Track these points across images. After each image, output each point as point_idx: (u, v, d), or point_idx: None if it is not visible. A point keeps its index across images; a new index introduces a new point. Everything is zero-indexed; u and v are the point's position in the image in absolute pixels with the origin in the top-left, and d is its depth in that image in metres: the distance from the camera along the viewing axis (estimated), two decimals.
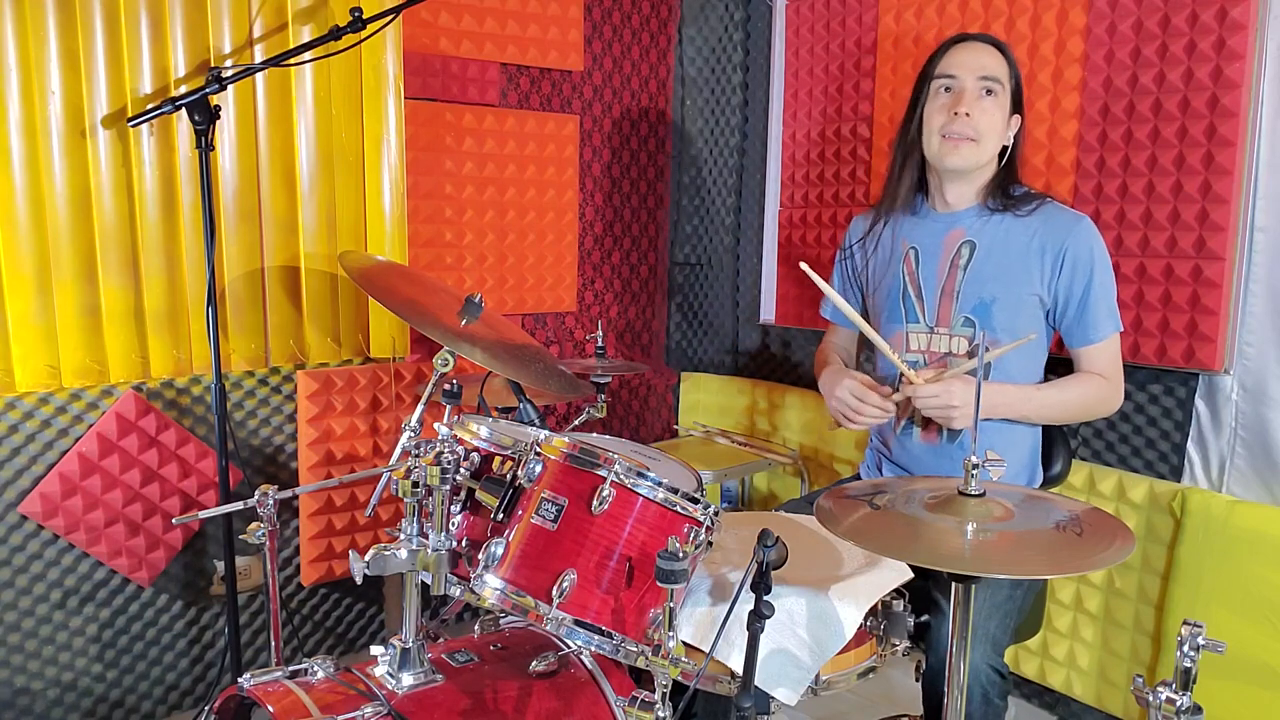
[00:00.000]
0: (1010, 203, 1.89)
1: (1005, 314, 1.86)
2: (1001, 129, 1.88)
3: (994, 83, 1.85)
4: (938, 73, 1.89)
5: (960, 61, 1.87)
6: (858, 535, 1.27)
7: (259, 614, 2.60)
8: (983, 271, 1.88)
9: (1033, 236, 1.86)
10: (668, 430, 3.46)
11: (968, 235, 1.91)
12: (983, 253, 1.89)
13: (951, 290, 1.91)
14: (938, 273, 1.93)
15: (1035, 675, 2.46)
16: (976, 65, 1.86)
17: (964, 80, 1.86)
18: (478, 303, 1.70)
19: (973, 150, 1.86)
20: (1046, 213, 1.88)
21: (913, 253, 1.97)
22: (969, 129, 1.84)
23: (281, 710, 1.34)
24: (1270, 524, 2.00)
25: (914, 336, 1.96)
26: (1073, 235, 1.84)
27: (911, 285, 1.97)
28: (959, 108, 1.84)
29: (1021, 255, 1.86)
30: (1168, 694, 1.17)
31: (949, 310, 1.91)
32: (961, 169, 1.89)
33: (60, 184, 2.10)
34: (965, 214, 1.93)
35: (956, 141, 1.85)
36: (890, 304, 1.99)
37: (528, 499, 1.35)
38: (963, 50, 1.88)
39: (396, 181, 2.51)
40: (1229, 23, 2.02)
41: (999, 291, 1.87)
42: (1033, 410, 1.88)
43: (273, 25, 2.32)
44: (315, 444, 2.54)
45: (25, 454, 2.19)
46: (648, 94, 3.22)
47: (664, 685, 1.28)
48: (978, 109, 1.85)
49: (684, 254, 3.42)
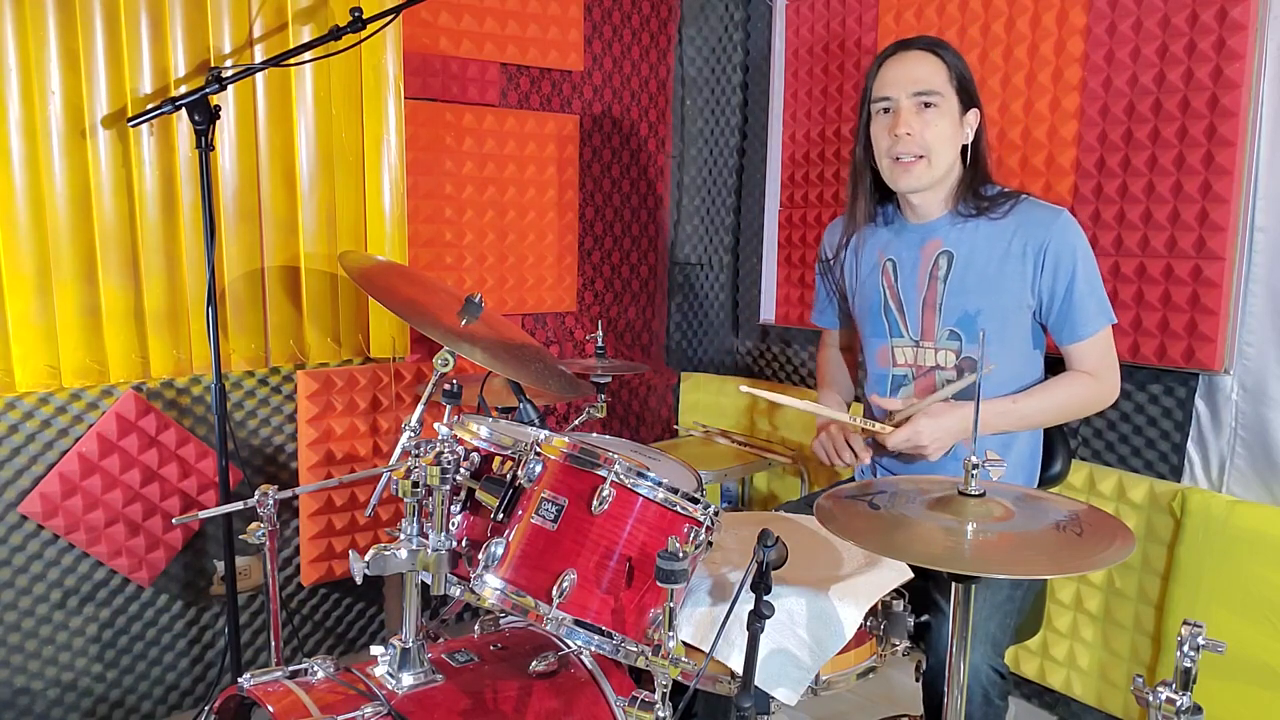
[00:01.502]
0: (984, 205, 1.83)
1: (992, 324, 1.81)
2: (951, 134, 1.80)
3: (930, 95, 1.78)
4: (874, 95, 1.83)
5: (892, 79, 1.81)
6: (858, 535, 1.27)
7: (259, 614, 2.60)
8: (964, 283, 1.83)
9: (1011, 238, 1.80)
10: (668, 430, 3.46)
11: (945, 245, 1.86)
12: (961, 263, 1.84)
13: (933, 303, 1.87)
14: (917, 285, 1.89)
15: (1035, 675, 2.46)
16: (908, 80, 1.79)
17: (898, 99, 1.79)
18: (478, 303, 1.70)
19: (924, 168, 1.80)
20: (1022, 211, 1.81)
21: (890, 265, 1.93)
22: (914, 146, 1.78)
23: (281, 710, 1.34)
24: (1270, 524, 2.00)
25: (899, 351, 1.92)
26: (1052, 232, 1.77)
27: (892, 298, 1.92)
28: (898, 129, 1.78)
29: (1001, 260, 1.80)
30: (1168, 694, 1.17)
31: (932, 323, 1.87)
32: (917, 189, 1.84)
33: (60, 184, 2.10)
34: (938, 223, 1.88)
35: (907, 164, 1.80)
36: (872, 318, 1.96)
37: (528, 499, 1.35)
38: (893, 66, 1.82)
39: (396, 181, 2.51)
40: (1229, 23, 2.02)
41: (983, 303, 1.82)
42: (1013, 422, 1.82)
43: (273, 25, 2.32)
44: (315, 444, 2.54)
45: (25, 454, 2.20)
46: (648, 94, 3.22)
47: (664, 685, 1.29)
48: (919, 124, 1.78)
49: (684, 254, 3.42)
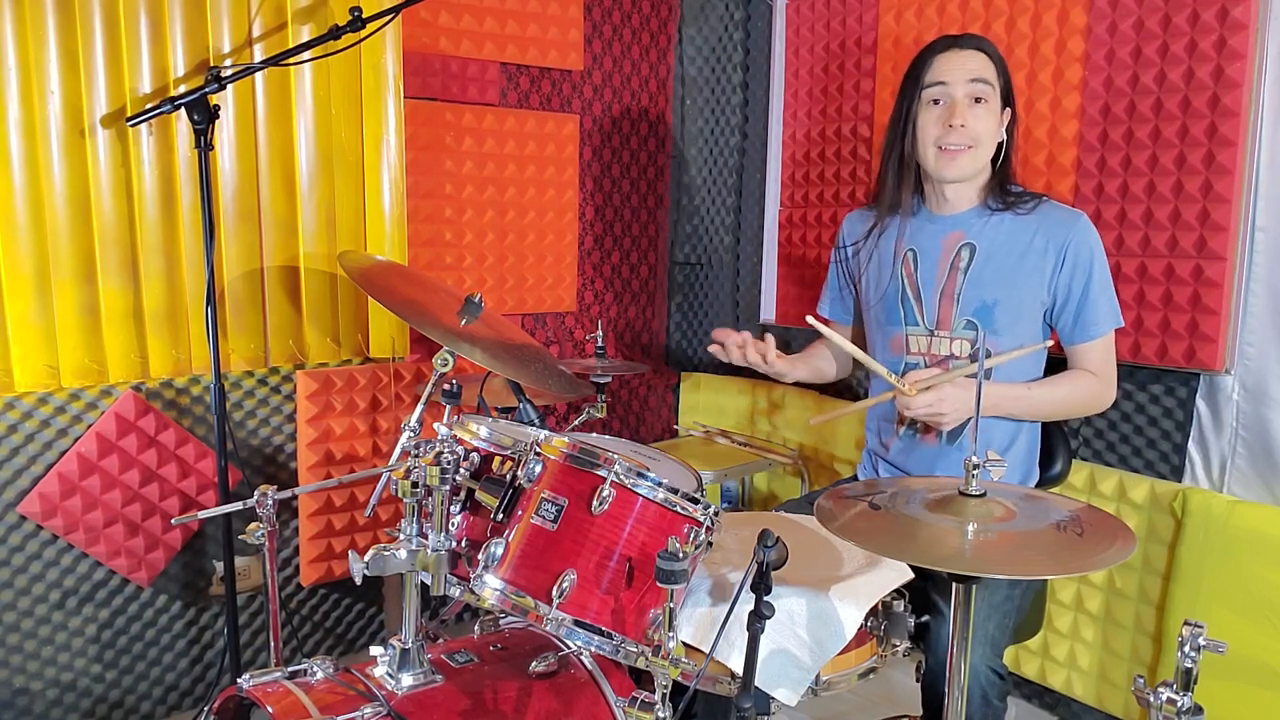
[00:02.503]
0: (1011, 201, 1.89)
1: (1008, 316, 1.85)
2: (996, 130, 1.87)
3: (984, 85, 1.82)
4: (927, 81, 1.86)
5: (948, 69, 1.84)
6: (858, 535, 1.27)
7: (258, 614, 2.60)
8: (983, 274, 1.87)
9: (1034, 235, 1.85)
10: (668, 430, 3.46)
11: (967, 237, 1.90)
12: (983, 255, 1.88)
13: (952, 293, 1.90)
14: (937, 275, 1.92)
15: (1036, 675, 2.45)
16: (964, 71, 1.83)
17: (954, 89, 1.83)
18: (477, 303, 1.69)
19: (970, 158, 1.85)
20: (1045, 211, 1.87)
21: (910, 255, 1.96)
22: (965, 138, 1.83)
23: (281, 711, 1.34)
24: (1271, 524, 2.00)
25: (913, 339, 1.95)
26: (1073, 232, 1.83)
27: (910, 288, 1.95)
28: (953, 119, 1.82)
29: (1023, 256, 1.85)
30: (1169, 694, 1.17)
31: (949, 313, 1.90)
32: (962, 179, 1.88)
33: (59, 184, 2.10)
34: (965, 215, 1.92)
35: (954, 154, 1.84)
36: (888, 306, 1.98)
37: (527, 499, 1.35)
38: (950, 57, 1.84)
39: (396, 181, 2.50)
40: (1230, 22, 2.01)
41: (1001, 295, 1.86)
42: (1024, 408, 1.87)
43: (272, 25, 2.32)
44: (315, 444, 2.54)
45: (24, 454, 2.19)
46: (648, 94, 3.22)
47: (664, 686, 1.28)
48: (971, 117, 1.82)
49: (684, 254, 3.42)
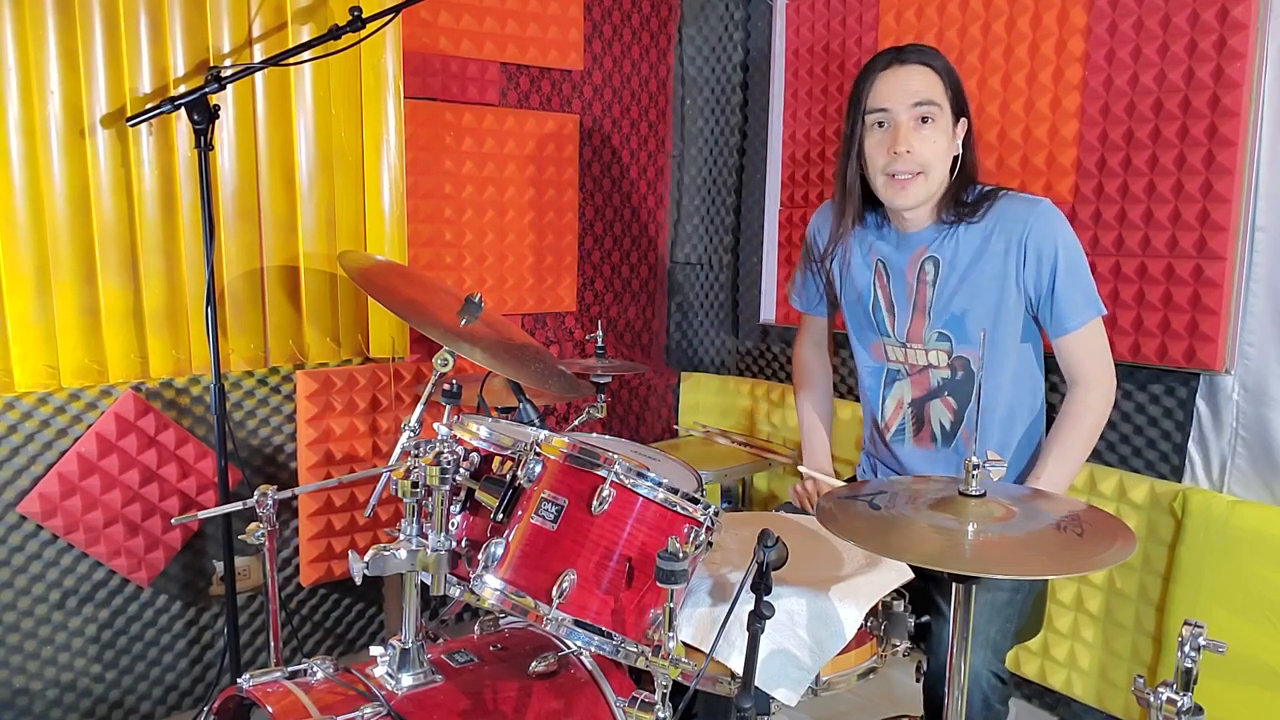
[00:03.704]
0: (963, 211, 1.79)
1: (981, 324, 1.80)
2: (947, 148, 1.77)
3: (929, 106, 1.73)
4: (868, 107, 1.76)
5: (890, 93, 1.74)
6: (858, 535, 1.27)
7: (258, 614, 2.60)
8: (948, 285, 1.82)
9: (990, 238, 1.77)
10: (668, 430, 3.46)
11: (930, 251, 1.84)
12: (946, 267, 1.82)
13: (923, 306, 1.86)
14: (907, 289, 1.88)
15: (1036, 676, 2.45)
16: (906, 93, 1.73)
17: (897, 113, 1.73)
18: (477, 303, 1.69)
19: (921, 185, 1.76)
20: (1000, 209, 1.78)
21: (882, 266, 1.92)
22: (912, 164, 1.73)
23: (281, 711, 1.34)
24: (1271, 524, 2.00)
25: (890, 349, 1.93)
26: (1030, 224, 1.73)
27: (884, 300, 1.92)
28: (898, 145, 1.73)
29: (984, 261, 1.78)
30: (1169, 694, 1.17)
31: (920, 327, 1.87)
32: (914, 206, 1.80)
33: (59, 184, 2.10)
34: (925, 232, 1.85)
35: (904, 183, 1.75)
36: (863, 314, 1.96)
37: (527, 499, 1.35)
38: (891, 77, 1.74)
39: (396, 181, 2.50)
40: (1230, 22, 2.01)
41: (968, 304, 1.81)
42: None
43: (272, 25, 2.32)
44: (314, 444, 2.54)
45: (24, 454, 2.19)
46: (648, 94, 3.22)
47: (664, 686, 1.28)
48: (918, 140, 1.73)
49: (684, 254, 3.42)
